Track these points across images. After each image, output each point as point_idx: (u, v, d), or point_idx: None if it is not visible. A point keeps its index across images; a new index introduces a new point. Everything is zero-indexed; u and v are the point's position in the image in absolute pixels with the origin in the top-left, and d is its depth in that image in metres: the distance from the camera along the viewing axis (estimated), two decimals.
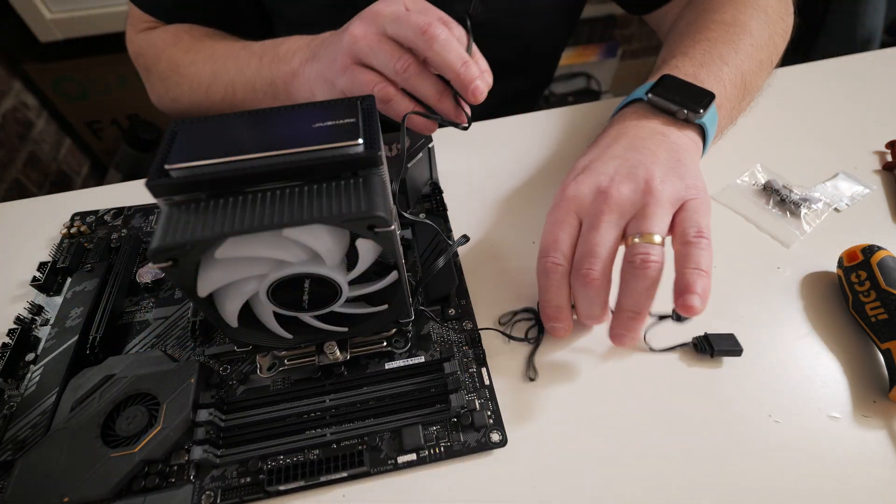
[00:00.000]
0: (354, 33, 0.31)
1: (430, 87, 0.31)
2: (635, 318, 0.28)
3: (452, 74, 0.30)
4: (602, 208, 0.29)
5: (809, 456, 0.28)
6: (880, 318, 0.30)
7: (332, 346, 0.30)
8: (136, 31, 0.50)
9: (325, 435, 0.28)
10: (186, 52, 0.45)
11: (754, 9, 0.42)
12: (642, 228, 0.28)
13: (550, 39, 0.56)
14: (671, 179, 0.29)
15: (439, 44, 0.29)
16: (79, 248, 0.37)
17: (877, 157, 0.44)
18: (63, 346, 0.31)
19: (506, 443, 0.28)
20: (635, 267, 0.27)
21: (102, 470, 0.26)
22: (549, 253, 0.29)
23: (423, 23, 0.29)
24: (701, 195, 0.30)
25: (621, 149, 0.32)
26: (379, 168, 0.23)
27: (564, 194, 0.30)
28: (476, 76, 0.30)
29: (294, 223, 0.21)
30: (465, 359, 0.31)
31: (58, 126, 1.17)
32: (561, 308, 0.30)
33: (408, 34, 0.30)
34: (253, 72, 0.40)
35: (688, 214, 0.29)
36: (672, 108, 0.33)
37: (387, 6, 0.31)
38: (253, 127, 0.24)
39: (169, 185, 0.21)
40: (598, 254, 0.28)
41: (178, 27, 0.48)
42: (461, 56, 0.29)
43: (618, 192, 0.29)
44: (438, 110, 0.32)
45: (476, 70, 0.30)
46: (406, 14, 0.30)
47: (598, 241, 0.28)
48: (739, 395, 0.30)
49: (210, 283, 0.23)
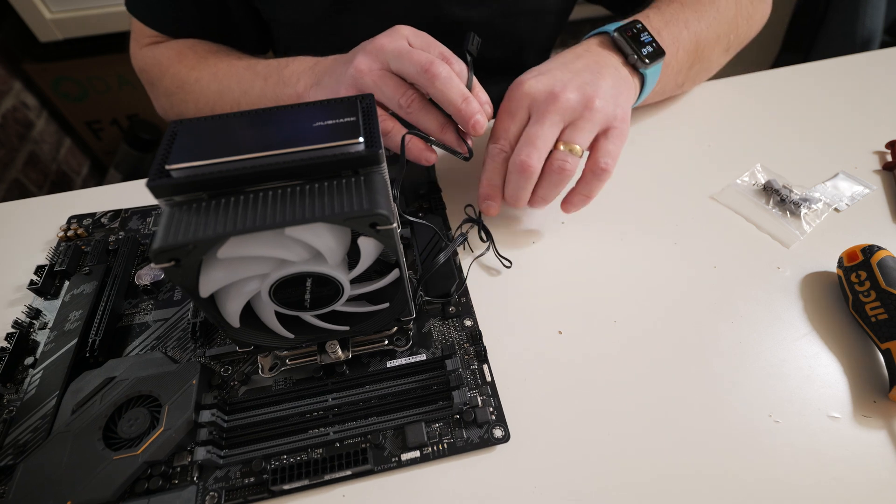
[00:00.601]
0: (359, 67, 0.32)
1: (433, 120, 0.33)
2: (542, 202, 0.35)
3: (454, 110, 0.32)
4: (550, 108, 0.33)
5: (809, 456, 0.28)
6: (880, 318, 0.30)
7: (333, 345, 0.30)
8: (139, 46, 0.50)
9: (329, 434, 0.28)
10: (191, 70, 0.45)
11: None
12: (572, 138, 0.33)
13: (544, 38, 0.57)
14: (608, 104, 0.34)
15: (441, 81, 0.31)
16: (76, 250, 0.37)
17: (877, 157, 0.44)
18: (62, 349, 0.31)
19: (508, 438, 0.28)
20: (553, 171, 0.33)
21: (105, 472, 0.26)
22: (498, 139, 0.34)
23: (425, 61, 0.31)
24: (623, 127, 0.35)
25: (580, 66, 0.36)
26: (380, 166, 0.23)
27: (522, 88, 0.34)
28: (476, 111, 0.32)
29: (296, 222, 0.21)
30: (466, 356, 0.31)
31: (58, 126, 1.17)
32: (496, 188, 0.35)
33: (410, 71, 0.31)
34: (258, 93, 0.40)
35: (608, 140, 0.34)
36: (627, 51, 0.38)
37: (390, 41, 0.32)
38: (253, 126, 0.24)
39: (170, 186, 0.21)
40: (538, 146, 0.32)
41: (182, 43, 0.48)
42: (462, 93, 0.32)
43: (566, 98, 0.33)
44: (440, 141, 0.34)
45: (476, 105, 0.32)
46: (409, 51, 0.31)
47: (539, 135, 0.33)
48: (739, 395, 0.30)
49: (212, 283, 0.23)
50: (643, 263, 0.37)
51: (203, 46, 0.48)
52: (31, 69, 1.07)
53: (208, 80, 0.44)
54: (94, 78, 1.11)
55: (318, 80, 0.36)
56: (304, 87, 0.37)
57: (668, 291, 0.35)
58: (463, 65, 0.33)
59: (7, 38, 1.03)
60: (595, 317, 0.34)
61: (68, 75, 1.09)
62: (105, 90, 1.14)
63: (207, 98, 0.44)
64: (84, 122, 1.19)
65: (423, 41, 0.33)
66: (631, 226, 0.39)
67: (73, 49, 1.04)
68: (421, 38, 0.34)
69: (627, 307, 0.34)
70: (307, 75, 0.37)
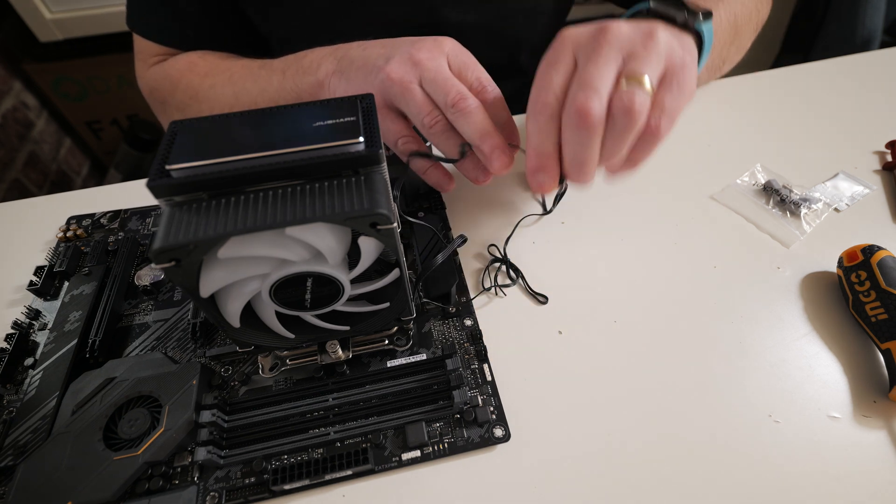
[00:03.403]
0: (392, 76, 0.31)
1: (453, 146, 0.32)
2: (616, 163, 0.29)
3: (475, 147, 0.31)
4: (601, 42, 0.27)
5: (809, 456, 0.28)
6: (880, 318, 0.30)
7: (334, 345, 0.30)
8: (146, 66, 0.48)
9: (329, 434, 0.28)
10: (204, 77, 0.44)
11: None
12: (636, 69, 0.26)
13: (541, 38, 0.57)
14: (672, 39, 0.28)
15: (463, 117, 0.30)
16: (75, 251, 0.37)
17: (877, 157, 0.44)
18: (62, 350, 0.31)
19: (509, 438, 0.28)
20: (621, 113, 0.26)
21: (106, 473, 0.25)
22: (539, 93, 0.28)
23: (455, 95, 0.30)
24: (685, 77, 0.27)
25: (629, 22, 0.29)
26: (380, 166, 0.23)
27: (561, 35, 0.28)
28: (495, 147, 0.30)
29: (296, 222, 0.21)
30: (466, 355, 0.31)
31: (58, 126, 1.17)
32: (548, 156, 0.28)
33: (439, 100, 0.30)
34: (276, 89, 0.39)
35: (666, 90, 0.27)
36: (671, 13, 0.32)
37: (430, 59, 0.31)
38: (253, 126, 0.24)
39: (170, 186, 0.21)
40: (596, 86, 0.25)
41: (191, 54, 0.47)
42: (482, 129, 0.30)
43: (618, 28, 0.27)
44: (458, 168, 0.33)
45: (495, 140, 0.30)
46: (444, 79, 0.30)
47: (595, 74, 0.26)
48: (739, 395, 0.30)
49: (212, 283, 0.23)
50: (643, 263, 0.37)
51: (213, 54, 0.47)
52: (31, 69, 1.07)
53: (223, 85, 0.43)
54: (94, 78, 1.11)
55: (342, 68, 0.35)
56: (326, 74, 0.35)
57: (668, 291, 0.35)
58: (497, 89, 0.32)
59: (7, 38, 1.03)
60: (595, 317, 0.34)
61: (68, 75, 1.09)
62: (105, 90, 1.14)
63: (223, 103, 0.43)
64: (84, 122, 1.19)
65: (462, 61, 0.32)
66: (631, 226, 0.39)
67: (73, 49, 1.04)
68: (461, 57, 0.32)
69: (627, 307, 0.34)
70: (328, 61, 0.36)
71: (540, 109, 0.28)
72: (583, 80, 0.26)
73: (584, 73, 0.26)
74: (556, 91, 0.27)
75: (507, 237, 0.38)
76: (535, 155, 0.29)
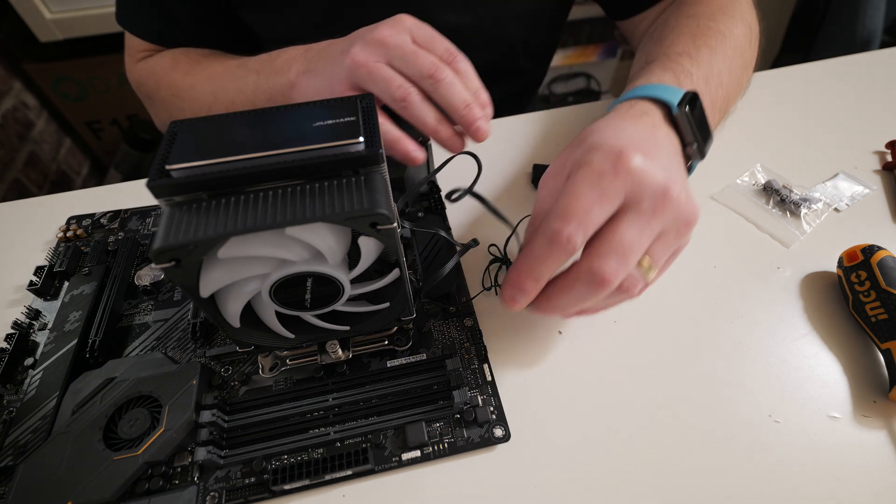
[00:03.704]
0: (356, 59, 0.31)
1: (428, 115, 0.31)
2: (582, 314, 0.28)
3: (457, 116, 0.31)
4: (659, 211, 0.24)
5: (809, 456, 0.28)
6: (880, 318, 0.30)
7: (334, 345, 0.30)
8: (134, 61, 0.50)
9: (329, 434, 0.28)
10: (185, 76, 0.45)
11: (743, 23, 0.41)
12: (657, 256, 0.26)
13: (537, 41, 0.56)
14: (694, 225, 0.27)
15: (444, 87, 0.30)
16: (75, 251, 0.37)
17: (877, 157, 0.44)
18: (62, 350, 0.31)
19: (509, 438, 0.28)
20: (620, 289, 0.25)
21: (105, 473, 0.26)
22: (570, 222, 0.24)
23: (429, 66, 0.30)
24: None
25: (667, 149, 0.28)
26: (380, 166, 0.23)
27: (629, 163, 0.24)
28: (479, 117, 0.30)
29: (297, 222, 0.21)
30: (466, 355, 0.31)
31: (58, 126, 1.17)
32: (539, 282, 0.26)
33: (412, 74, 0.30)
34: (251, 88, 0.39)
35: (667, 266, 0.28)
36: (689, 139, 0.31)
37: (392, 34, 0.31)
38: (253, 126, 0.24)
39: (170, 186, 0.21)
40: (627, 259, 0.24)
41: (175, 52, 0.48)
42: (464, 99, 0.30)
43: (677, 201, 0.25)
44: (434, 138, 0.32)
45: (479, 111, 0.31)
46: (413, 52, 0.30)
47: (637, 247, 0.24)
48: (739, 395, 0.30)
49: (212, 283, 0.23)
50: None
51: (197, 51, 0.48)
52: (31, 69, 1.07)
53: (203, 83, 0.43)
54: (94, 78, 1.11)
55: (311, 66, 0.35)
56: (297, 74, 0.36)
57: (668, 291, 0.35)
58: (467, 62, 0.32)
59: (7, 38, 1.03)
60: (595, 317, 0.34)
61: (68, 75, 1.09)
62: (105, 90, 1.14)
63: (203, 102, 0.43)
64: (84, 122, 1.19)
65: (426, 35, 0.32)
66: None
67: (73, 49, 1.04)
68: (424, 30, 0.32)
69: (627, 307, 0.34)
70: (298, 61, 0.36)
71: (564, 245, 0.24)
72: (623, 246, 0.24)
73: (629, 237, 0.24)
74: (587, 232, 0.24)
75: (508, 237, 0.38)
76: (527, 274, 0.25)
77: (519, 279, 0.25)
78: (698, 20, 0.40)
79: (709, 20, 0.39)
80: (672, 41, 0.38)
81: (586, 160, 0.25)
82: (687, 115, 0.30)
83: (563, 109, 0.49)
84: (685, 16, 0.41)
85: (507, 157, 0.45)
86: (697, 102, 0.32)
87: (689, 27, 0.39)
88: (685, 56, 0.36)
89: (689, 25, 0.39)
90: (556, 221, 0.24)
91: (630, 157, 0.24)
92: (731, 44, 0.38)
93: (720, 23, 0.39)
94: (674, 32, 0.39)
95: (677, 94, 0.31)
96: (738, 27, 0.39)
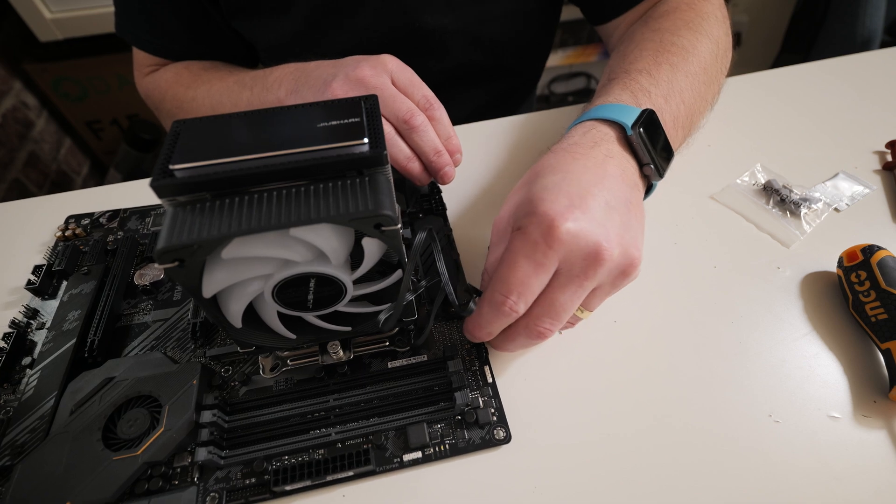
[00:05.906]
0: (335, 94, 0.33)
1: (400, 153, 0.33)
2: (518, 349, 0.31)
3: (426, 160, 0.33)
4: (589, 273, 0.26)
5: (809, 456, 0.28)
6: (880, 318, 0.31)
7: (335, 346, 0.30)
8: (142, 75, 0.52)
9: (330, 434, 0.28)
10: (187, 89, 0.47)
11: (708, 39, 0.40)
12: (591, 305, 0.29)
13: (525, 40, 0.56)
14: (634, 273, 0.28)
15: (417, 133, 0.32)
16: (74, 250, 0.37)
17: (877, 157, 0.44)
18: (61, 349, 0.31)
19: (510, 439, 0.28)
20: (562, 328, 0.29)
21: (105, 473, 0.25)
22: (510, 294, 0.26)
23: (405, 111, 0.32)
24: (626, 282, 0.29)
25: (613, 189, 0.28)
26: (384, 167, 0.23)
27: (558, 231, 0.25)
28: (446, 164, 0.33)
29: (301, 222, 0.21)
30: (467, 357, 0.32)
31: (58, 126, 1.17)
32: (492, 335, 0.29)
33: (388, 116, 0.32)
34: (245, 103, 0.41)
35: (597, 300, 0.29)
36: (645, 160, 0.31)
37: (373, 76, 0.33)
38: (257, 127, 0.24)
39: (174, 186, 0.21)
40: (560, 318, 0.27)
41: (178, 65, 0.50)
42: (435, 147, 0.33)
43: (610, 260, 0.26)
44: (402, 172, 0.34)
45: (447, 158, 0.33)
46: (391, 96, 0.32)
47: (568, 307, 0.27)
48: (739, 395, 0.30)
49: (215, 283, 0.23)
50: (643, 263, 0.36)
51: (198, 65, 0.49)
52: (31, 69, 1.07)
53: (203, 98, 0.45)
54: (94, 78, 1.11)
55: (297, 87, 0.36)
56: (286, 93, 0.37)
57: (667, 291, 0.35)
58: (443, 109, 0.34)
59: (7, 38, 1.03)
60: (595, 317, 0.34)
61: (68, 75, 1.09)
62: (105, 90, 1.14)
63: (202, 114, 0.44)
64: (84, 122, 1.19)
65: (406, 79, 0.34)
66: None
67: (73, 49, 1.04)
68: (405, 73, 0.34)
69: (627, 307, 0.34)
70: (288, 80, 0.37)
71: (507, 314, 0.27)
72: (555, 308, 0.27)
73: (560, 300, 0.27)
74: (527, 301, 0.27)
75: None
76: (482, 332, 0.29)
77: (473, 332, 0.29)
78: (662, 35, 0.40)
79: (672, 35, 0.40)
80: (634, 57, 0.38)
81: (523, 224, 0.27)
82: (642, 136, 0.31)
83: (562, 109, 0.49)
84: (650, 30, 0.41)
85: (507, 157, 0.45)
86: (655, 121, 0.32)
87: (652, 43, 0.39)
88: (645, 73, 0.36)
89: (652, 41, 0.40)
90: (498, 293, 0.27)
91: (560, 227, 0.25)
92: (694, 60, 0.38)
93: (684, 38, 0.39)
94: (637, 48, 0.39)
95: (633, 113, 0.31)
96: (702, 43, 0.40)
